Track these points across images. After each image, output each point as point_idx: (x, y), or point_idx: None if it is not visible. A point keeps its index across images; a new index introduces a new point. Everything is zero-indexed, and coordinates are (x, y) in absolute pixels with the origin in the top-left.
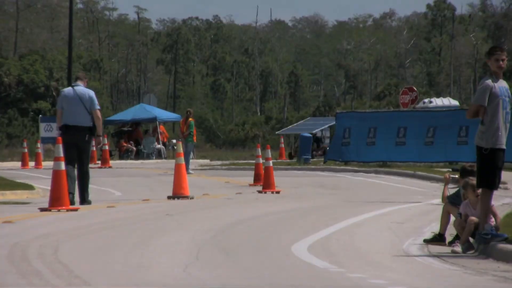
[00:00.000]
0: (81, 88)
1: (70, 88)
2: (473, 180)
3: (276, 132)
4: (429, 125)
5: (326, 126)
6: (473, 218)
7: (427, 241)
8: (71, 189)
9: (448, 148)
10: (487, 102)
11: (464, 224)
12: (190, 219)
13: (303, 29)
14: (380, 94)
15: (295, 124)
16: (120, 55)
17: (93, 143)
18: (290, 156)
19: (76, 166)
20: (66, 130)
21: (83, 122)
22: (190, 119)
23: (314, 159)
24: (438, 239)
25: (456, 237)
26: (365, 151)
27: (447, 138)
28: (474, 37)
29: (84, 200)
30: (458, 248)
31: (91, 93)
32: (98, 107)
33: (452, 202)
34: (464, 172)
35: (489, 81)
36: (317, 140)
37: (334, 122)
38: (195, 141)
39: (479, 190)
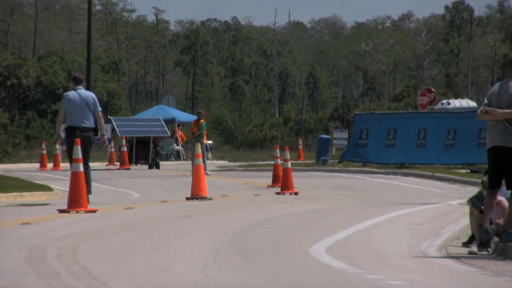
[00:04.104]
0: (84, 91)
1: (73, 91)
2: None
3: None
4: (450, 127)
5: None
6: (499, 221)
7: (465, 244)
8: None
9: (468, 151)
10: None
11: (480, 221)
12: (208, 221)
13: (322, 31)
14: (398, 95)
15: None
16: (138, 56)
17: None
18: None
19: None
20: (73, 131)
21: (89, 123)
22: (202, 120)
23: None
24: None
25: (472, 238)
26: (384, 153)
27: (467, 140)
28: (492, 39)
29: (90, 192)
30: (475, 248)
31: (94, 95)
32: (100, 108)
33: (472, 203)
34: None
35: None
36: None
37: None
38: (204, 142)
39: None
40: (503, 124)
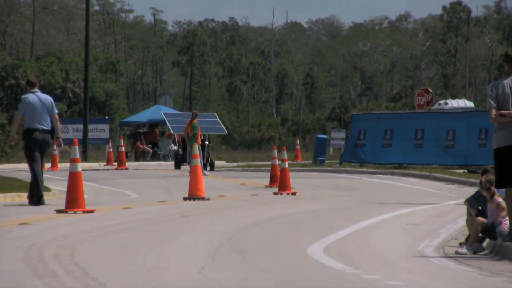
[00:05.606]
0: (41, 94)
1: (32, 95)
2: None
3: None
4: (447, 128)
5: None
6: (480, 219)
7: (462, 244)
8: (42, 192)
9: (469, 151)
10: None
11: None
12: (206, 221)
13: (319, 31)
14: (395, 96)
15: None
16: (136, 57)
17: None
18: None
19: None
20: (33, 133)
21: (48, 125)
22: (195, 120)
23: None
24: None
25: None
26: (381, 153)
27: (468, 141)
28: (489, 39)
29: (41, 193)
30: (463, 249)
31: (51, 98)
32: (56, 110)
33: (469, 204)
34: None
35: None
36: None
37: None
38: (199, 142)
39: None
40: None
